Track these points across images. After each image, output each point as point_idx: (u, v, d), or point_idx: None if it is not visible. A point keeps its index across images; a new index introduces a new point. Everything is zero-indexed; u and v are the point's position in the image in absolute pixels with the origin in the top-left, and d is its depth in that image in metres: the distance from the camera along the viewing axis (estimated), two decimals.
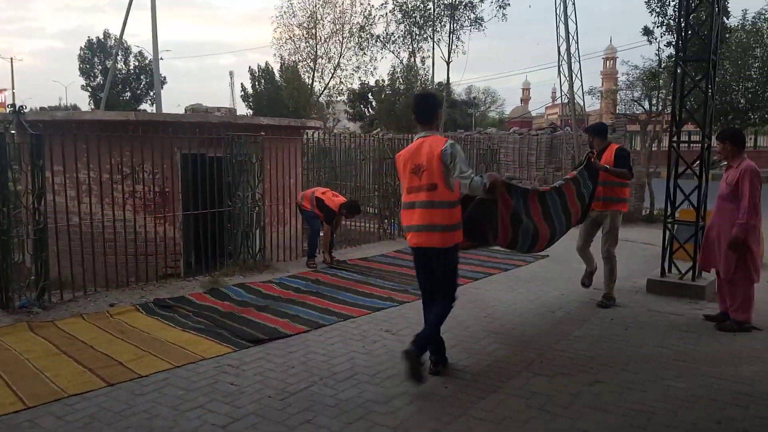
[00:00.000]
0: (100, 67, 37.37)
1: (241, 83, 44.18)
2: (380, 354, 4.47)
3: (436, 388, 3.86)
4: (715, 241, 5.12)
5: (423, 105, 4.10)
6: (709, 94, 6.04)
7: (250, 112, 34.40)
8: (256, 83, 35.92)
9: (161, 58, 23.91)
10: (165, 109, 24.00)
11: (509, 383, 3.95)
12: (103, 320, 5.25)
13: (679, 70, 6.21)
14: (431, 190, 3.82)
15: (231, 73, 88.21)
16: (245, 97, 36.84)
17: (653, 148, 16.88)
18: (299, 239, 8.88)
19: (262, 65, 35.49)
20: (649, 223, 11.83)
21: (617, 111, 35.88)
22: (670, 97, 20.78)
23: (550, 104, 59.10)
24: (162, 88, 26.87)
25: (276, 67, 33.75)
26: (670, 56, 12.59)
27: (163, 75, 33.09)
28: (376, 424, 3.36)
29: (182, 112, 9.74)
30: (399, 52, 27.56)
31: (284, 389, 3.81)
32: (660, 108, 24.08)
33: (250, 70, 35.37)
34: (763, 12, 19.07)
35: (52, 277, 6.06)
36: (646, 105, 32.00)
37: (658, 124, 15.81)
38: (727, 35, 15.10)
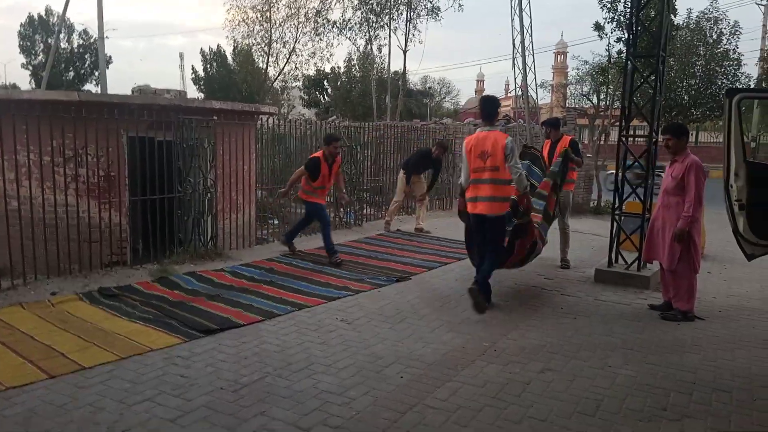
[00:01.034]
0: (41, 44, 35.61)
1: (192, 65, 42.96)
2: (336, 344, 4.43)
3: (391, 378, 3.85)
4: (659, 233, 5.28)
5: (488, 106, 5.45)
6: (658, 89, 6.21)
7: (202, 95, 33.48)
8: (208, 66, 34.98)
9: (106, 37, 22.88)
10: (111, 91, 23.06)
11: (463, 372, 3.98)
12: (44, 309, 5.01)
13: (629, 66, 6.35)
14: (494, 171, 5.15)
15: (181, 55, 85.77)
16: (196, 80, 35.84)
17: (600, 142, 17.38)
18: (252, 227, 8.71)
19: (214, 48, 34.57)
20: (597, 214, 12.19)
21: (567, 105, 36.84)
22: (618, 93, 21.40)
23: (503, 96, 60.01)
24: (107, 68, 25.84)
25: (229, 50, 32.95)
26: (619, 52, 12.93)
27: (108, 54, 31.79)
28: (331, 414, 3.32)
29: (129, 93, 9.35)
30: (355, 39, 27.35)
31: (237, 380, 3.73)
32: (608, 103, 24.79)
33: (202, 52, 34.46)
34: (707, 12, 19.86)
35: None
36: (595, 100, 32.91)
37: (606, 119, 16.26)
38: (674, 33, 15.63)
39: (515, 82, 24.26)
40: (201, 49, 41.03)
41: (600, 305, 5.68)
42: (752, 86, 24.15)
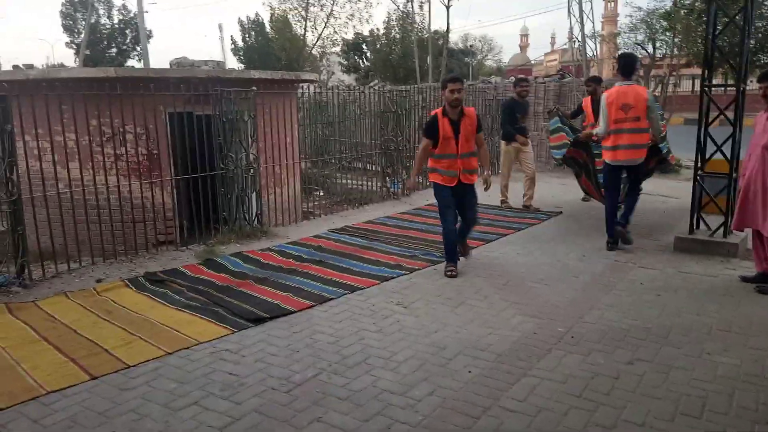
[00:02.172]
0: (83, 22, 35.96)
1: (231, 36, 42.70)
2: (393, 332, 4.05)
3: (458, 372, 3.45)
4: (757, 196, 4.62)
5: (626, 62, 6.04)
6: (746, 32, 5.44)
7: (242, 66, 33.24)
8: (247, 36, 34.64)
9: (146, 11, 22.77)
10: (154, 66, 23.03)
11: (540, 364, 3.54)
12: (88, 298, 4.81)
13: (713, 6, 5.57)
14: (636, 121, 5.70)
15: (220, 26, 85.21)
16: (236, 51, 35.59)
17: (662, 94, 16.21)
18: (298, 201, 8.41)
19: (252, 16, 34.13)
20: (663, 173, 11.30)
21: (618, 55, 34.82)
22: (679, 39, 19.83)
23: (549, 51, 57.58)
24: (149, 42, 25.83)
25: (266, 18, 32.46)
26: None
27: (149, 29, 31.85)
28: (394, 420, 2.95)
29: (167, 66, 9.07)
30: None
31: (289, 378, 3.40)
32: (668, 51, 23.14)
33: (240, 22, 34.02)
34: None
35: (34, 250, 5.62)
36: (650, 48, 31.06)
37: (665, 68, 15.05)
38: None
39: (572, 32, 22.92)
40: (239, 18, 40.59)
41: (685, 278, 5.10)
42: None
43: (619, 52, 33.41)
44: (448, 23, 24.63)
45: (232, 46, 35.76)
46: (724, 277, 5.12)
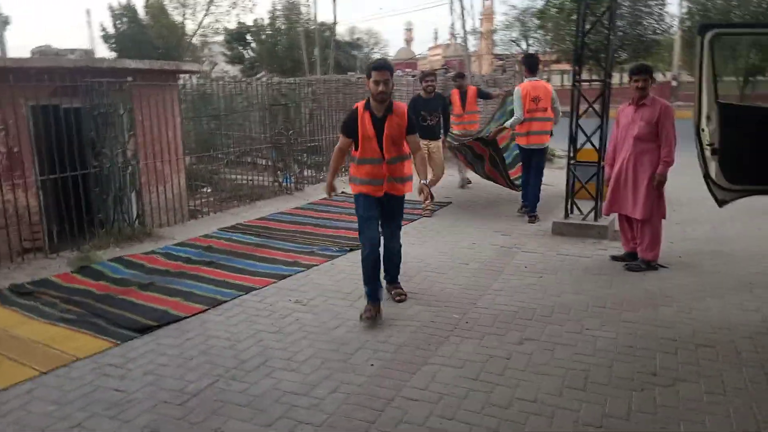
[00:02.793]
0: None
1: (101, 23, 39.57)
2: (293, 331, 3.97)
3: (360, 366, 3.45)
4: (627, 183, 5.02)
5: (532, 62, 7.20)
6: (611, 30, 5.91)
7: (114, 55, 30.94)
8: (118, 22, 32.25)
9: None
10: (12, 56, 20.77)
11: (438, 352, 3.63)
12: None
13: (582, 5, 5.99)
14: (544, 111, 6.74)
15: (87, 11, 78.64)
16: (106, 38, 33.02)
17: None
18: (183, 199, 7.98)
19: (123, 2, 31.82)
20: None
21: (495, 52, 36.78)
22: (550, 37, 21.16)
23: (432, 45, 59.30)
24: (5, 30, 23.28)
25: (140, 3, 30.46)
26: None
27: (4, 15, 28.66)
28: (299, 422, 2.90)
29: (28, 56, 8.21)
30: None
31: (183, 389, 3.22)
32: (540, 48, 24.73)
33: (110, 7, 31.58)
34: None
35: None
36: (524, 45, 33.08)
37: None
38: None
39: (453, 28, 23.74)
40: (109, 3, 37.60)
41: (563, 260, 5.48)
42: (675, 26, 24.74)
43: (495, 48, 35.18)
44: (335, 15, 24.42)
45: (103, 34, 33.17)
46: (596, 257, 5.56)
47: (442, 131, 7.64)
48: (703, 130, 4.08)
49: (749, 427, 2.81)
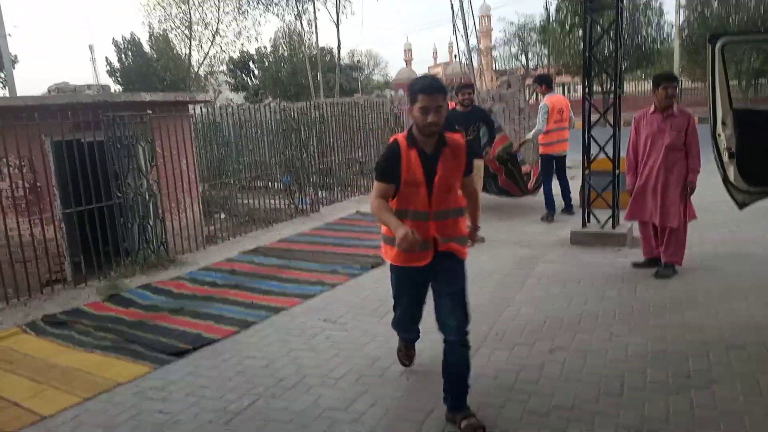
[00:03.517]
0: None
1: (106, 57, 40.15)
2: (325, 349, 4.04)
3: (396, 381, 3.51)
4: (655, 192, 5.02)
5: (548, 79, 7.98)
6: (619, 42, 6.03)
7: (119, 88, 31.43)
8: (123, 56, 32.83)
9: (8, 35, 20.91)
10: (20, 93, 21.15)
11: (471, 363, 3.67)
12: None
13: (588, 19, 6.13)
14: (565, 121, 7.59)
15: (91, 47, 79.97)
16: (111, 72, 33.58)
17: (530, 101, 17.44)
18: (200, 226, 8.09)
19: (128, 36, 32.41)
20: None
21: (495, 67, 37.17)
22: (546, 51, 21.32)
23: (433, 64, 59.94)
24: (14, 68, 23.72)
25: (144, 38, 31.02)
26: (558, 8, 12.83)
27: (13, 54, 29.24)
28: None
29: (42, 93, 8.42)
30: (283, 15, 26.33)
31: (225, 409, 3.28)
32: (539, 62, 24.96)
33: (115, 42, 32.18)
34: None
35: None
36: (523, 60, 33.37)
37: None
38: None
39: (457, 47, 24.12)
40: (113, 38, 38.23)
41: (584, 269, 5.52)
42: (673, 34, 24.97)
43: (495, 64, 35.44)
44: (339, 40, 24.81)
45: (107, 68, 33.76)
46: (618, 264, 5.61)
47: (486, 145, 7.15)
48: (719, 135, 4.17)
49: None
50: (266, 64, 32.34)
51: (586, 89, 6.20)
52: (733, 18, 21.16)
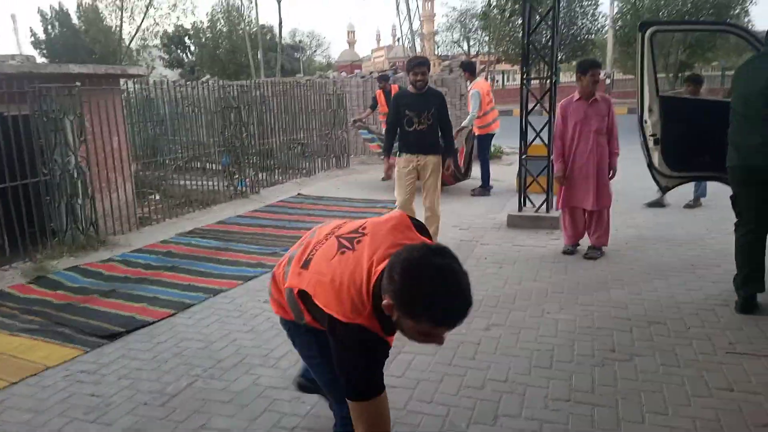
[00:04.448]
0: None
1: (30, 27, 37.73)
2: (265, 330, 4.01)
3: None
4: (589, 176, 5.21)
5: (473, 66, 8.85)
6: (555, 29, 6.21)
7: (45, 60, 29.64)
8: (49, 27, 30.96)
9: None
10: None
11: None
12: None
13: (527, 7, 6.27)
14: (492, 102, 8.42)
15: (13, 17, 74.89)
16: (36, 44, 31.63)
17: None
18: (132, 206, 7.79)
19: (56, 6, 30.55)
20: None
21: (437, 53, 37.45)
22: (488, 37, 21.74)
23: (376, 47, 59.69)
24: None
25: (72, 8, 29.33)
26: None
27: None
28: (284, 414, 2.96)
29: None
30: None
31: (162, 391, 3.22)
32: (480, 49, 25.33)
33: (41, 12, 30.28)
34: None
35: None
36: (465, 46, 33.80)
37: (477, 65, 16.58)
38: None
39: (401, 30, 24.10)
40: (39, 8, 35.84)
41: (520, 250, 5.72)
42: (608, 25, 25.88)
43: (438, 49, 35.75)
44: (280, 18, 24.27)
45: (32, 39, 31.75)
46: (551, 246, 5.83)
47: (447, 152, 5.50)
48: (645, 122, 4.39)
49: (702, 393, 3.07)
50: (203, 40, 31.27)
51: (524, 76, 6.36)
52: (663, 12, 22.14)
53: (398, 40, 25.68)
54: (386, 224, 1.94)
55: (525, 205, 6.79)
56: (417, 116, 5.22)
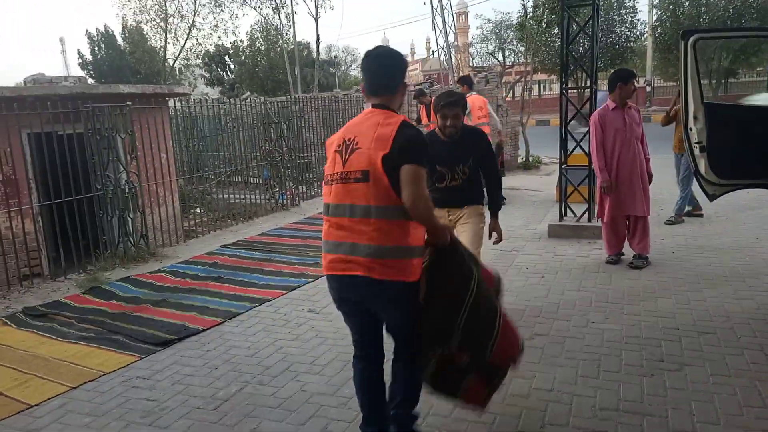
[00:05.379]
0: None
1: (78, 49, 39.32)
2: (310, 338, 4.09)
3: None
4: (634, 184, 5.17)
5: (470, 80, 8.61)
6: (595, 39, 6.18)
7: (92, 81, 30.83)
8: (96, 48, 32.21)
9: None
10: None
11: None
12: None
13: (566, 16, 6.27)
14: (485, 117, 8.12)
15: (62, 40, 78.15)
16: (84, 65, 32.93)
17: (509, 99, 17.65)
18: (178, 219, 8.04)
19: (101, 29, 31.79)
20: (526, 169, 12.36)
21: (472, 64, 37.43)
22: (523, 48, 21.68)
23: (410, 61, 60.00)
24: None
25: (117, 30, 30.49)
26: (535, 5, 13.00)
27: None
28: (331, 419, 3.02)
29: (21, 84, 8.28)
30: (261, 8, 26.06)
31: (214, 396, 3.33)
32: (515, 59, 25.19)
33: (88, 34, 31.56)
34: None
35: None
36: (500, 57, 33.68)
37: (511, 75, 16.49)
38: None
39: (437, 43, 24.29)
40: (86, 30, 37.42)
41: (561, 260, 5.67)
42: (646, 33, 25.46)
43: (473, 60, 35.74)
44: (318, 35, 24.37)
45: (80, 61, 33.08)
46: (593, 256, 5.76)
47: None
48: (691, 129, 4.32)
49: (755, 402, 2.99)
50: (243, 58, 32.03)
51: (563, 85, 6.34)
52: (704, 18, 21.66)
53: (433, 53, 25.83)
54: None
55: (566, 214, 6.74)
56: (450, 171, 3.94)
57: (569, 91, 6.63)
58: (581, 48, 16.24)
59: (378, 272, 2.40)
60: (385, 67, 2.56)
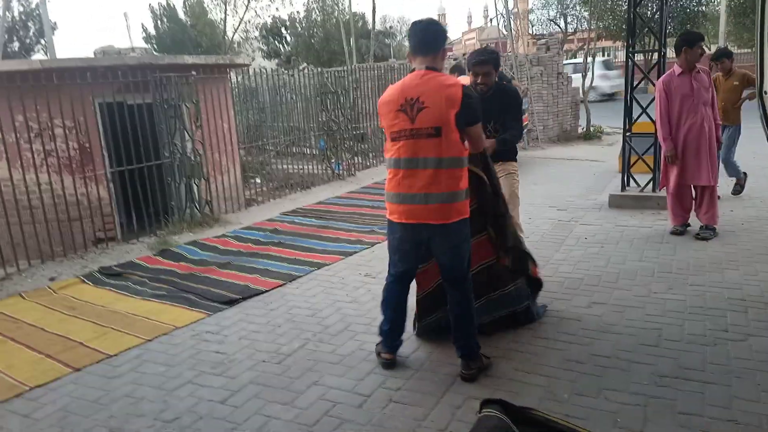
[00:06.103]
0: None
1: (141, 23, 40.55)
2: (367, 301, 4.20)
3: (438, 336, 3.65)
4: (701, 151, 4.99)
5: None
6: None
7: (155, 54, 31.80)
8: (158, 22, 33.13)
9: (48, 1, 21.31)
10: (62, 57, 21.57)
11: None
12: (46, 297, 4.65)
13: None
14: None
15: (125, 15, 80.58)
16: (147, 39, 33.95)
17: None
18: (240, 188, 8.30)
19: (162, 2, 32.63)
20: (587, 140, 12.02)
21: (532, 32, 36.28)
22: (587, 13, 20.77)
23: (467, 30, 58.77)
24: (53, 34, 24.22)
25: (179, 4, 31.22)
26: None
27: (53, 20, 29.84)
28: (388, 376, 3.13)
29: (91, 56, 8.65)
30: None
31: (278, 351, 3.49)
32: (580, 25, 24.23)
33: (151, 8, 32.46)
34: None
35: None
36: (562, 24, 32.46)
37: (573, 43, 15.87)
38: None
39: (496, 9, 23.63)
40: (149, 4, 38.46)
41: (623, 231, 5.55)
42: None
43: (533, 28, 34.61)
44: (374, 4, 24.20)
45: (143, 35, 34.12)
46: (657, 227, 5.61)
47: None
48: (765, 93, 4.10)
49: None
50: (299, 30, 32.22)
51: (629, 49, 6.10)
52: None
53: (491, 20, 25.16)
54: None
55: (629, 184, 6.55)
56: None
57: (636, 55, 6.38)
58: (649, 12, 15.47)
59: (450, 216, 2.89)
60: (429, 32, 2.96)
